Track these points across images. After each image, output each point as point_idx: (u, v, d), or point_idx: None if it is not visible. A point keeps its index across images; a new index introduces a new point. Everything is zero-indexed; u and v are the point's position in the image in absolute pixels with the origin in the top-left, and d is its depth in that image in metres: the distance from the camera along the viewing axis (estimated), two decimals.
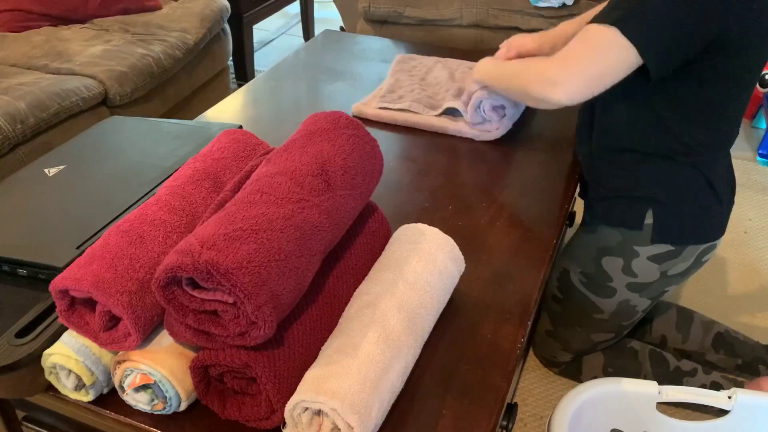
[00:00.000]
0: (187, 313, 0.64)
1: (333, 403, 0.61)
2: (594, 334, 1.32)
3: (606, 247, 1.20)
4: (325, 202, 0.72)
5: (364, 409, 0.63)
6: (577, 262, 1.26)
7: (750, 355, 1.37)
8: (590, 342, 1.33)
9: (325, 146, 0.77)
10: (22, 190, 0.95)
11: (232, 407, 0.68)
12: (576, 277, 1.27)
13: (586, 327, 1.31)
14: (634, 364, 1.35)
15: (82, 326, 0.68)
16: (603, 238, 1.21)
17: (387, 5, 1.98)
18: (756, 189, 2.05)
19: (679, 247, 1.15)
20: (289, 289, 0.64)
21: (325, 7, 3.59)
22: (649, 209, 1.13)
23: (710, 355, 1.39)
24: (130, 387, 0.67)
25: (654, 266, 1.18)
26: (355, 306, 0.74)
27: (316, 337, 0.71)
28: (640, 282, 1.20)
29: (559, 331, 1.36)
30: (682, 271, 1.19)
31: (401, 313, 0.73)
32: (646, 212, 1.14)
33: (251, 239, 0.63)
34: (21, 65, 1.83)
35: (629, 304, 1.25)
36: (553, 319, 1.36)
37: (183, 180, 0.81)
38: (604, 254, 1.21)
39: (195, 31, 2.06)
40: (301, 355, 0.68)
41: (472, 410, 0.72)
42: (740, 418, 1.12)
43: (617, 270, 1.20)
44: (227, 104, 1.38)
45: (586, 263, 1.24)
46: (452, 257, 0.84)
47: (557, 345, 1.37)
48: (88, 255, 0.69)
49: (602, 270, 1.22)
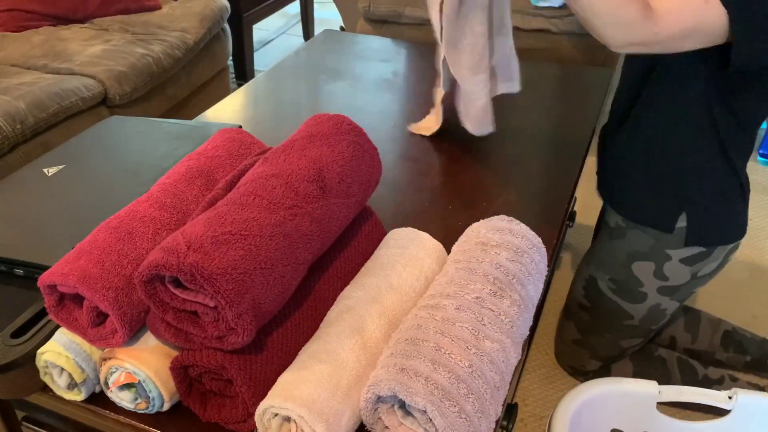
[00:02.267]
0: (167, 310, 0.64)
1: (300, 410, 0.60)
2: (623, 341, 1.30)
3: (637, 252, 1.19)
4: (317, 210, 0.71)
5: (333, 417, 0.61)
6: (605, 269, 1.25)
7: (758, 352, 1.37)
8: (619, 348, 1.32)
9: (325, 151, 0.77)
10: (21, 190, 0.95)
11: (212, 409, 0.68)
12: (604, 284, 1.25)
13: (616, 334, 1.30)
14: (664, 372, 1.34)
15: (71, 322, 0.68)
16: (633, 243, 1.19)
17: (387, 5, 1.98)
18: (756, 189, 2.05)
19: (710, 249, 1.15)
20: (272, 298, 0.64)
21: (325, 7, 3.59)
22: (683, 212, 1.12)
23: (719, 354, 1.38)
24: (114, 385, 0.67)
25: (686, 268, 1.17)
26: (336, 310, 0.73)
27: (296, 341, 0.70)
28: (671, 285, 1.20)
29: (587, 339, 1.34)
30: (711, 272, 1.19)
31: (382, 319, 0.71)
32: (680, 215, 1.12)
33: (239, 245, 0.62)
34: (20, 65, 1.83)
35: (659, 308, 1.24)
36: (580, 328, 1.35)
37: (176, 178, 0.81)
38: (635, 259, 1.20)
39: (195, 31, 2.06)
40: (279, 359, 0.67)
41: None
42: (740, 418, 1.12)
43: (649, 274, 1.19)
44: (227, 104, 1.38)
45: (616, 269, 1.23)
46: (440, 263, 0.82)
47: (586, 353, 1.36)
48: (77, 250, 0.69)
49: (633, 275, 1.21)
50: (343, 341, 0.67)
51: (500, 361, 0.66)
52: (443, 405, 0.59)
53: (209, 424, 0.69)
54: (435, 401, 0.59)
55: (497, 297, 0.71)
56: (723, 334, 1.39)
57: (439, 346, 0.64)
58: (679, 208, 1.12)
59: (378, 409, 0.64)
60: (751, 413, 1.11)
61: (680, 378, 1.33)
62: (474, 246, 0.79)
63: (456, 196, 1.09)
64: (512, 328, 0.70)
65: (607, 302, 1.26)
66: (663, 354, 1.35)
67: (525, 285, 0.75)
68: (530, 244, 0.80)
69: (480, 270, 0.74)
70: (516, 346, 0.70)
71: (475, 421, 0.61)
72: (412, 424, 0.62)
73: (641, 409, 1.14)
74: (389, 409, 0.63)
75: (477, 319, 0.67)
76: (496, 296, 0.71)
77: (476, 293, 0.70)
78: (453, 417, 0.59)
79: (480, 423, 0.61)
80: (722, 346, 1.39)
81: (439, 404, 0.59)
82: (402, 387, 0.60)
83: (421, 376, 0.61)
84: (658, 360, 1.35)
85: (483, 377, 0.63)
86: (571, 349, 1.39)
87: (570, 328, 1.37)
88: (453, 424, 0.59)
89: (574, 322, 1.35)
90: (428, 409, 0.59)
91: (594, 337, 1.33)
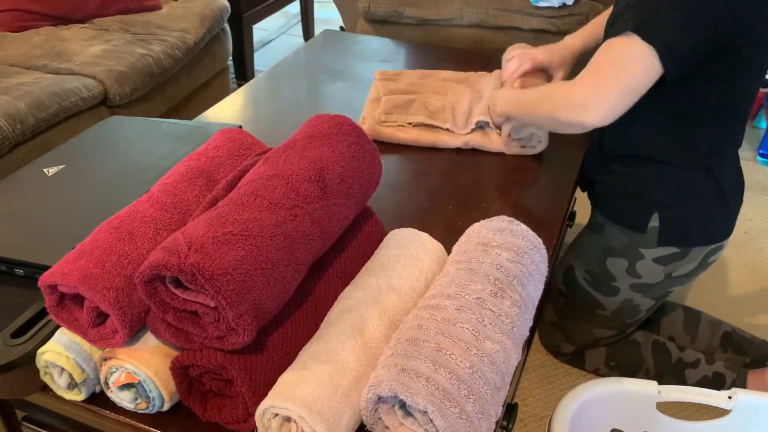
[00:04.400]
0: (167, 310, 0.64)
1: (300, 410, 0.60)
2: (596, 329, 1.33)
3: (611, 248, 1.20)
4: (318, 211, 0.71)
5: (333, 418, 0.61)
6: (583, 261, 1.27)
7: (758, 353, 1.37)
8: (592, 336, 1.34)
9: (326, 151, 0.77)
10: (21, 190, 0.95)
11: (212, 409, 0.68)
12: (581, 275, 1.28)
13: (589, 321, 1.32)
14: (637, 355, 1.35)
15: (71, 322, 0.68)
16: (609, 239, 1.21)
17: (387, 5, 1.98)
18: (756, 189, 2.05)
19: (685, 249, 1.15)
20: (272, 299, 0.64)
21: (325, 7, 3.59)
22: (655, 212, 1.13)
23: (719, 354, 1.39)
24: (115, 385, 0.67)
25: (659, 268, 1.17)
26: (336, 311, 0.73)
27: (296, 341, 0.70)
28: (644, 283, 1.20)
29: (562, 323, 1.38)
30: (688, 273, 1.19)
31: (382, 319, 0.71)
32: (652, 215, 1.13)
33: (240, 245, 0.62)
34: (21, 65, 1.82)
35: (632, 303, 1.25)
36: (557, 312, 1.38)
37: (176, 178, 0.81)
38: (609, 255, 1.21)
39: (195, 31, 2.06)
40: (279, 359, 0.67)
41: None
42: (740, 418, 1.12)
43: (621, 271, 1.20)
44: (227, 104, 1.38)
45: (591, 262, 1.25)
46: (440, 263, 0.82)
47: (560, 336, 1.39)
48: (78, 250, 0.69)
49: (606, 270, 1.22)
50: (344, 341, 0.67)
51: (501, 362, 0.66)
52: (444, 406, 0.59)
53: (209, 424, 0.69)
54: (436, 402, 0.59)
55: (498, 298, 0.71)
56: (722, 335, 1.39)
57: (440, 346, 0.64)
58: (651, 209, 1.13)
59: (378, 409, 0.64)
60: (751, 413, 1.11)
61: (652, 361, 1.33)
62: (475, 246, 0.79)
63: (456, 196, 1.09)
64: (513, 328, 0.70)
65: (581, 292, 1.29)
66: (638, 338, 1.36)
67: (525, 286, 0.75)
68: (531, 245, 0.80)
69: (481, 270, 0.74)
70: (516, 347, 0.70)
71: (476, 421, 0.61)
72: (412, 425, 0.62)
73: (641, 409, 1.14)
74: (389, 409, 0.63)
75: (478, 319, 0.67)
76: (496, 297, 0.71)
77: (477, 294, 0.70)
78: (454, 418, 0.59)
79: (480, 424, 0.61)
80: (721, 347, 1.39)
81: (440, 405, 0.59)
82: (403, 387, 0.60)
83: (422, 377, 0.61)
84: (632, 344, 1.36)
85: (484, 378, 0.63)
86: (548, 329, 1.43)
87: (549, 310, 1.41)
88: (454, 424, 0.59)
89: (552, 305, 1.38)
90: (429, 409, 0.59)
91: (569, 321, 1.36)
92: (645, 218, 1.14)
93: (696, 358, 1.33)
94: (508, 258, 0.76)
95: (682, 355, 1.33)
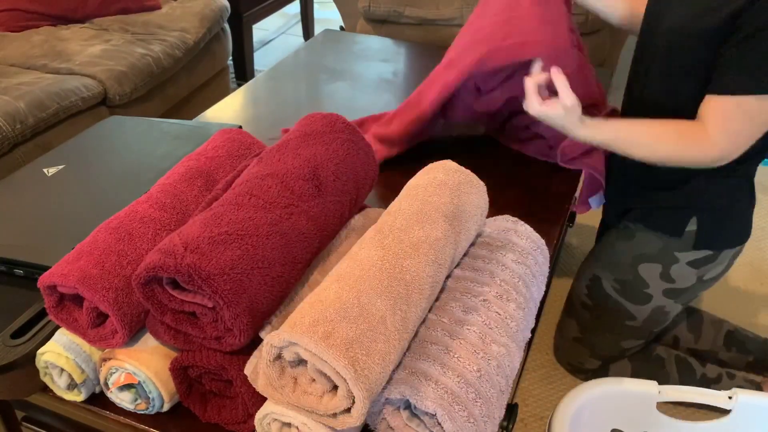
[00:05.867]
0: (165, 312, 0.64)
1: (301, 417, 0.59)
2: (624, 341, 1.31)
3: (644, 254, 1.19)
4: (314, 208, 0.71)
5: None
6: (611, 270, 1.25)
7: (761, 352, 1.37)
8: (619, 348, 1.32)
9: (319, 150, 0.77)
10: (21, 190, 0.94)
11: (212, 410, 0.68)
12: (609, 284, 1.25)
13: (617, 334, 1.30)
14: (662, 372, 1.34)
15: (71, 323, 0.68)
16: (641, 245, 1.19)
17: (387, 5, 1.98)
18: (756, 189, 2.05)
19: (717, 252, 1.15)
20: (269, 299, 0.64)
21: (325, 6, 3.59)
22: (694, 216, 1.13)
23: (722, 354, 1.38)
24: (114, 385, 0.67)
25: (693, 271, 1.17)
26: None
27: None
28: (676, 287, 1.20)
29: (587, 337, 1.34)
30: (716, 275, 1.19)
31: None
32: (691, 218, 1.13)
33: (236, 245, 0.62)
34: (20, 65, 1.82)
35: (663, 311, 1.24)
36: (582, 326, 1.35)
37: (175, 178, 0.81)
38: (642, 261, 1.20)
39: (195, 31, 2.06)
40: None
41: None
42: (740, 418, 1.12)
43: (655, 276, 1.19)
44: (227, 104, 1.38)
45: (621, 270, 1.23)
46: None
47: (585, 352, 1.36)
48: (77, 251, 0.69)
49: (639, 276, 1.21)
50: None
51: (506, 365, 0.66)
52: (453, 410, 0.59)
53: (209, 425, 0.69)
54: (445, 406, 0.59)
55: (503, 300, 0.71)
56: (725, 334, 1.39)
57: (448, 348, 0.64)
58: (690, 213, 1.13)
59: (383, 410, 0.64)
60: (751, 413, 1.11)
61: (678, 377, 1.33)
62: (479, 246, 0.79)
63: None
64: (517, 332, 0.70)
65: (610, 302, 1.26)
66: (661, 353, 1.35)
67: (529, 287, 0.75)
68: (534, 246, 0.80)
69: (486, 270, 0.74)
70: (519, 349, 0.70)
71: (482, 425, 0.61)
72: (417, 426, 0.61)
73: (641, 409, 1.14)
74: (394, 410, 0.63)
75: (484, 322, 0.67)
76: (502, 299, 0.71)
77: (483, 296, 0.70)
78: (462, 421, 0.59)
79: (486, 427, 0.61)
80: (725, 346, 1.39)
81: (449, 409, 0.59)
82: (413, 391, 0.60)
83: (432, 380, 0.60)
84: (656, 360, 1.35)
85: (490, 381, 0.63)
86: (571, 346, 1.39)
87: (571, 325, 1.37)
88: (461, 428, 0.59)
89: (575, 320, 1.35)
90: (438, 413, 0.59)
91: (594, 335, 1.33)
92: (683, 222, 1.13)
93: (718, 374, 1.33)
94: (513, 259, 0.76)
95: (705, 370, 1.33)
